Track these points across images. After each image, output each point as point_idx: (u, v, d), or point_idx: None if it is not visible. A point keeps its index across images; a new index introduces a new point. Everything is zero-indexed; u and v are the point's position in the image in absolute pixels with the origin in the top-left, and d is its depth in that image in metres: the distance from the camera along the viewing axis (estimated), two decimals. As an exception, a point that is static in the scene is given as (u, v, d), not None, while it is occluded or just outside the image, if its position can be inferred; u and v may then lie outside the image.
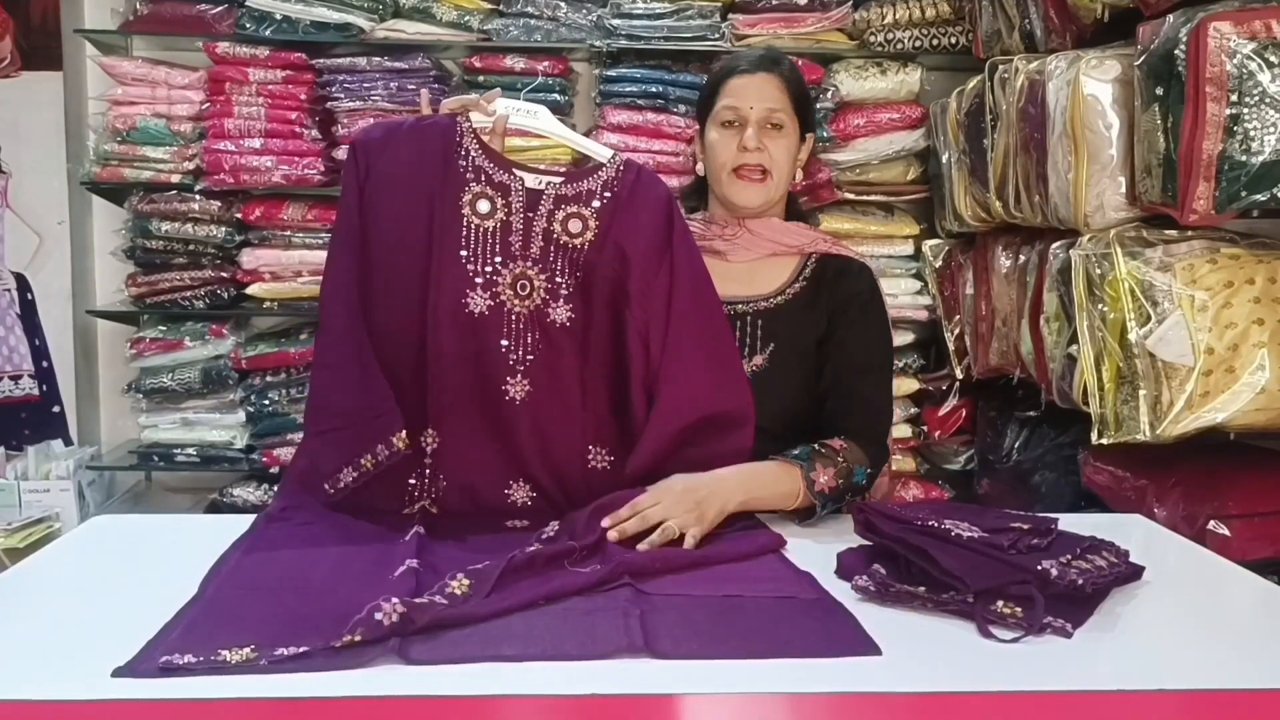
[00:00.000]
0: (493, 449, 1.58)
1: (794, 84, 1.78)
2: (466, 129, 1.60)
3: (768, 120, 1.74)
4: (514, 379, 1.58)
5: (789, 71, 1.79)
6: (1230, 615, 1.30)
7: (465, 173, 1.58)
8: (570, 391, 1.59)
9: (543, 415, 1.58)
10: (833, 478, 1.54)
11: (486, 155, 1.60)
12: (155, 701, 0.97)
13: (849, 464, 1.56)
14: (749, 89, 1.75)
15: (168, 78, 3.25)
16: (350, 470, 1.51)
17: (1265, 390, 2.01)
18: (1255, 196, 1.95)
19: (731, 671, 1.05)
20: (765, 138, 1.74)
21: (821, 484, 1.53)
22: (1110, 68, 2.21)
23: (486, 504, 1.56)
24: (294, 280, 3.29)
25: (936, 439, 3.33)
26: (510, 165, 1.60)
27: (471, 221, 1.58)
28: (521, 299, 1.59)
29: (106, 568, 1.36)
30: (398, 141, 1.59)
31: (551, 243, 1.59)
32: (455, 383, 1.57)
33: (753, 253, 1.73)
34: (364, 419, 1.53)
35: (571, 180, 1.61)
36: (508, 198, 1.59)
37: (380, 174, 1.57)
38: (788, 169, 1.77)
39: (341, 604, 1.16)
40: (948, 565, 1.18)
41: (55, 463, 3.31)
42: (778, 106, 1.74)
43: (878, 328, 1.72)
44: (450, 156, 1.58)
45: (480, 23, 3.25)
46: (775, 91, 1.75)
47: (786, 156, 1.76)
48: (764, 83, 1.76)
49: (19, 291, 3.49)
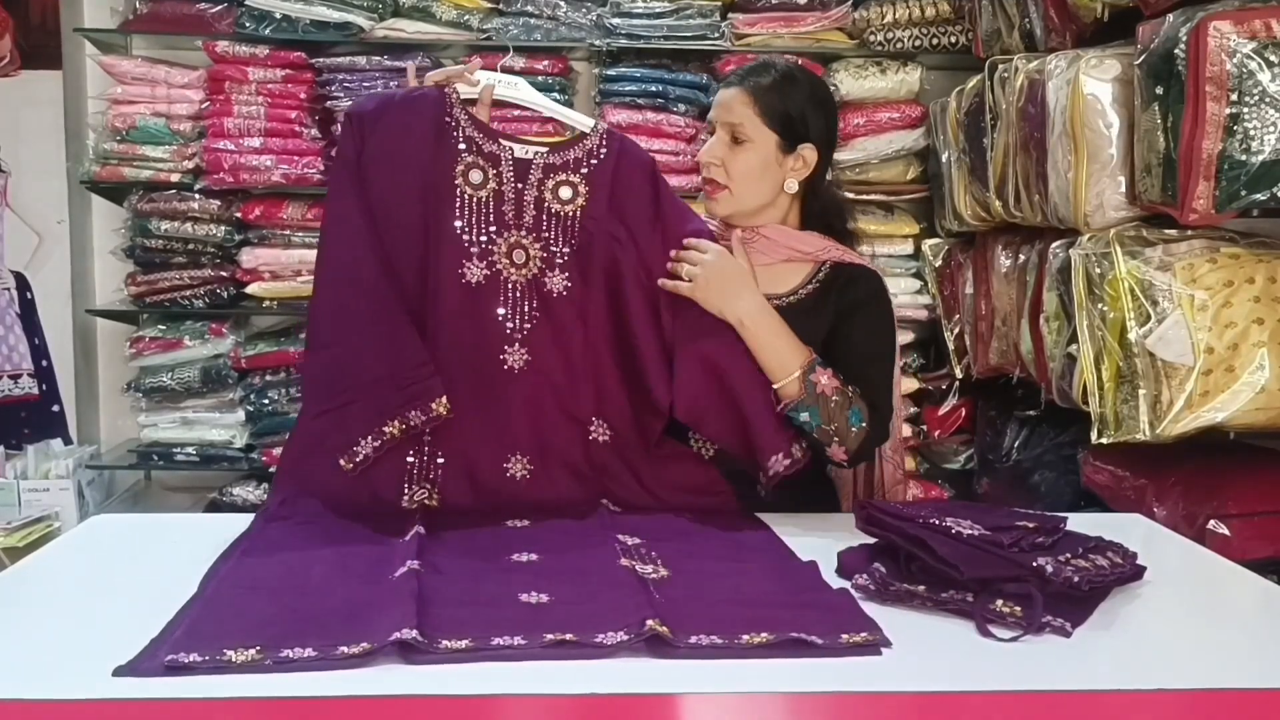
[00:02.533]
0: (491, 419, 1.58)
1: (767, 98, 1.72)
2: (456, 100, 1.60)
3: (730, 133, 1.73)
4: (511, 348, 1.59)
5: (767, 85, 1.73)
6: (1230, 615, 1.30)
7: (458, 144, 1.59)
8: (573, 362, 1.60)
9: (542, 385, 1.59)
10: (833, 388, 1.55)
11: (476, 126, 1.60)
12: (156, 701, 0.97)
13: (851, 399, 1.57)
14: (719, 101, 1.76)
15: (167, 77, 3.25)
16: (371, 440, 1.52)
17: (1265, 389, 2.01)
18: (1255, 196, 1.95)
19: (733, 670, 1.05)
20: (726, 151, 1.73)
21: (823, 384, 1.55)
22: (1110, 67, 2.21)
23: (485, 482, 1.57)
24: (293, 279, 3.28)
25: (936, 438, 3.33)
26: (497, 135, 1.61)
27: (465, 191, 1.58)
28: (518, 268, 1.60)
29: (106, 567, 1.36)
30: (391, 113, 1.59)
31: (543, 210, 1.60)
32: (454, 353, 1.57)
33: (768, 257, 1.74)
34: (391, 386, 1.53)
35: (558, 150, 1.61)
36: (498, 167, 1.60)
37: (376, 146, 1.57)
38: (751, 183, 1.73)
39: (343, 604, 1.17)
40: (944, 554, 1.19)
41: (55, 462, 3.31)
42: (737, 120, 1.71)
43: (882, 323, 1.73)
44: (443, 128, 1.59)
45: (480, 22, 3.26)
46: (740, 105, 1.72)
47: (745, 170, 1.72)
48: (730, 96, 1.74)
49: (18, 290, 3.49)
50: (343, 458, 1.52)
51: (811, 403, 1.55)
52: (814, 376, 1.56)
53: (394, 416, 1.53)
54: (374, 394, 1.54)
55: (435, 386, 1.54)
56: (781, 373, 1.57)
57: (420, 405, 1.53)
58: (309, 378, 1.63)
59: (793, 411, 1.56)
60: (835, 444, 1.57)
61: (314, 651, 1.03)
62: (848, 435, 1.57)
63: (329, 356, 1.58)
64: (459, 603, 1.17)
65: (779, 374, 1.57)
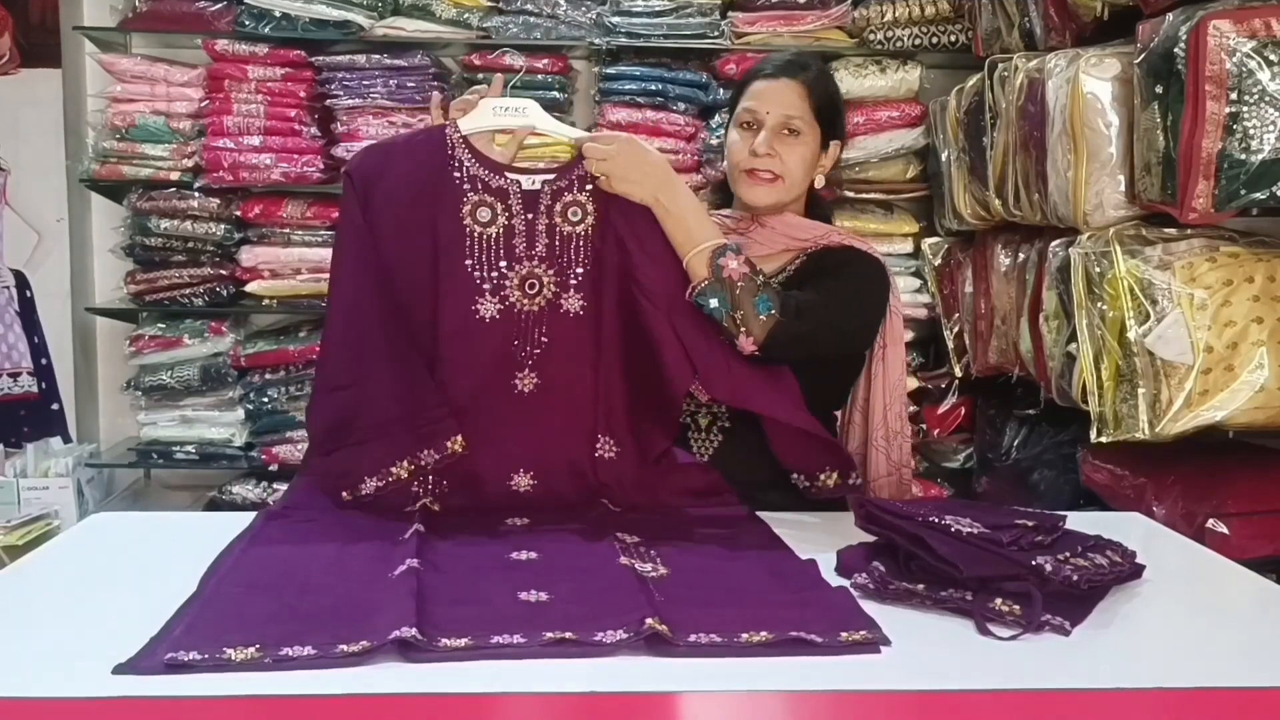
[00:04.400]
0: (498, 441, 1.59)
1: (818, 92, 1.76)
2: (457, 140, 1.60)
3: (784, 126, 1.74)
4: (522, 373, 1.60)
5: (815, 78, 1.78)
6: (1229, 613, 1.30)
7: (462, 183, 1.59)
8: (582, 381, 1.61)
9: (550, 405, 1.60)
10: (740, 274, 1.55)
11: (480, 163, 1.60)
12: (156, 699, 0.97)
13: (761, 288, 1.56)
14: (767, 94, 1.76)
15: (167, 75, 3.25)
16: (375, 480, 1.54)
17: (1264, 388, 2.01)
18: (1254, 195, 1.95)
19: (732, 669, 1.05)
20: (779, 143, 1.74)
21: (730, 268, 1.54)
22: (1110, 66, 2.21)
23: (488, 496, 1.57)
24: (293, 278, 3.28)
25: (935, 437, 3.33)
26: (503, 169, 1.60)
27: (474, 230, 1.59)
28: (531, 298, 1.60)
29: (105, 565, 1.36)
30: (392, 163, 1.60)
31: (555, 236, 1.60)
32: (465, 386, 1.58)
33: (767, 247, 1.75)
34: (404, 428, 1.55)
35: (563, 173, 1.61)
36: (506, 201, 1.59)
37: (379, 198, 1.58)
38: (800, 174, 1.77)
39: (343, 602, 1.17)
40: (944, 553, 1.19)
41: (54, 460, 3.31)
42: (795, 113, 1.74)
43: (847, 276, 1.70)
44: (444, 169, 1.59)
45: (480, 20, 3.25)
46: (794, 98, 1.74)
47: (799, 163, 1.75)
48: (783, 88, 1.75)
49: (18, 289, 3.49)
50: (345, 491, 1.54)
51: (719, 288, 1.55)
52: (722, 260, 1.55)
53: (404, 457, 1.54)
54: (388, 436, 1.55)
55: (450, 427, 1.56)
56: (689, 245, 1.57)
57: (435, 445, 1.55)
58: (319, 418, 1.63)
59: (700, 298, 1.56)
60: (743, 334, 1.56)
61: (313, 650, 1.04)
62: (754, 322, 1.55)
63: (342, 399, 1.58)
64: (458, 601, 1.18)
65: (687, 247, 1.57)
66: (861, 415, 1.81)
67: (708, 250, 1.56)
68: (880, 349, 1.78)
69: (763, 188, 1.75)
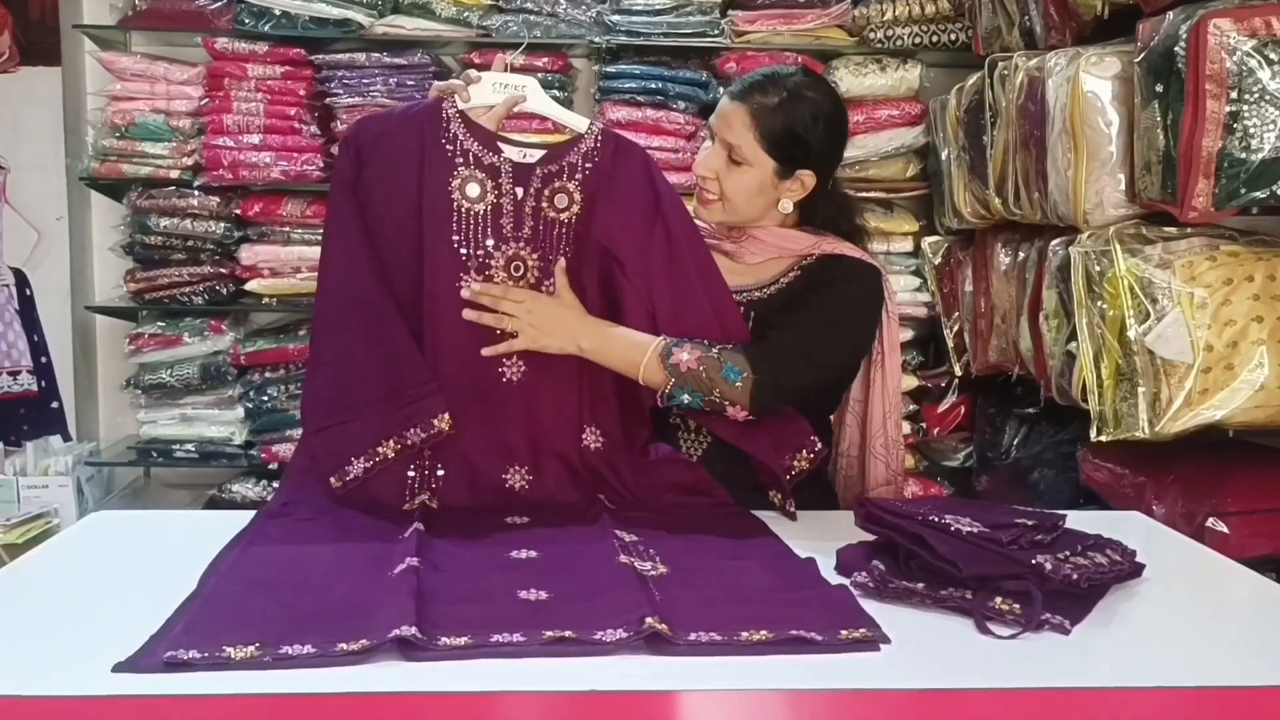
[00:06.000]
0: (490, 431, 1.59)
1: (771, 121, 1.65)
2: (452, 114, 1.60)
3: (727, 152, 1.68)
4: (510, 360, 1.60)
5: (772, 107, 1.66)
6: (1228, 612, 1.30)
7: (454, 157, 1.58)
8: (568, 370, 1.60)
9: (538, 395, 1.60)
10: (695, 359, 1.54)
11: (474, 137, 1.59)
12: (155, 697, 0.97)
13: (720, 359, 1.55)
14: (722, 114, 1.70)
15: (166, 73, 3.25)
16: (362, 461, 1.52)
17: (1264, 387, 2.01)
18: (1254, 194, 1.95)
19: (732, 667, 1.05)
20: (722, 164, 1.69)
21: (683, 360, 1.54)
22: (1110, 65, 2.21)
23: (485, 494, 1.57)
24: (293, 276, 3.29)
25: (935, 436, 3.33)
26: (494, 140, 1.60)
27: (462, 205, 1.58)
28: (516, 280, 1.60)
29: (105, 564, 1.36)
30: (389, 132, 1.60)
31: (541, 221, 1.60)
32: (454, 367, 1.58)
33: (759, 256, 1.74)
34: (391, 405, 1.54)
35: (555, 157, 1.61)
36: (497, 179, 1.59)
37: (374, 167, 1.57)
38: (742, 201, 1.69)
39: (342, 601, 1.17)
40: (943, 551, 1.19)
41: (54, 458, 3.31)
42: (736, 142, 1.66)
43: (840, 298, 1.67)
44: (436, 140, 1.58)
45: (479, 18, 3.25)
46: (740, 125, 1.66)
47: (738, 190, 1.68)
48: (733, 113, 1.67)
49: (17, 287, 3.49)
50: (333, 476, 1.53)
51: (684, 383, 1.55)
52: (673, 360, 1.55)
53: (390, 436, 1.53)
54: (373, 413, 1.54)
55: (437, 403, 1.54)
56: (634, 366, 1.56)
57: (421, 423, 1.53)
58: (309, 394, 1.63)
59: (672, 400, 1.56)
60: (729, 407, 1.56)
61: (313, 648, 1.04)
62: (732, 392, 1.55)
63: (329, 373, 1.58)
64: (458, 600, 1.17)
65: (633, 368, 1.57)
66: (856, 419, 1.81)
67: (654, 358, 1.55)
68: (879, 355, 1.77)
69: (704, 206, 1.73)
